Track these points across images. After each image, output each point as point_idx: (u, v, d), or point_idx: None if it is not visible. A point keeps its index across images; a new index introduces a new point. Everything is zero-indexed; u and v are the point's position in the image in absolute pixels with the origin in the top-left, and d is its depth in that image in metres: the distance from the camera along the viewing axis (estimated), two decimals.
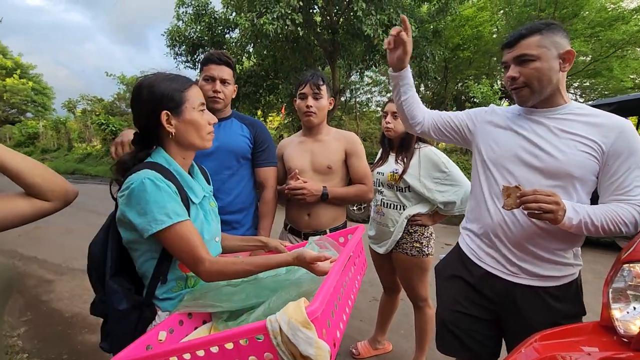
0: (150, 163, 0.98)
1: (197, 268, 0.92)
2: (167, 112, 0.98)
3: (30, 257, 4.29)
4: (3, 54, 25.58)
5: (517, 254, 1.12)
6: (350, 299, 0.95)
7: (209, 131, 1.05)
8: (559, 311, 1.10)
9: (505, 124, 1.21)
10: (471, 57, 12.03)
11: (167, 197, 0.91)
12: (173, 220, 0.89)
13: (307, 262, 0.88)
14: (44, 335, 2.52)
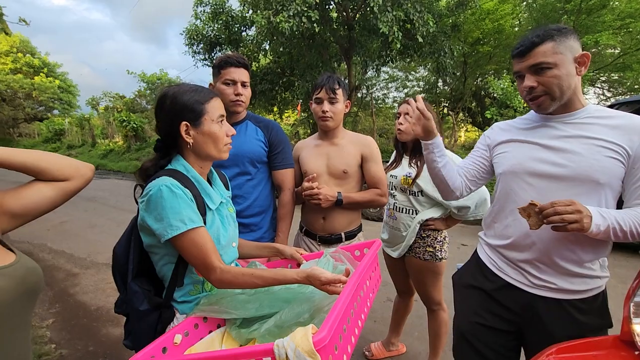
0: (170, 170, 1.03)
1: (209, 275, 0.96)
2: (187, 123, 1.02)
3: (58, 250, 4.50)
4: (32, 54, 26.59)
5: (541, 267, 1.09)
6: (361, 319, 0.96)
7: (226, 143, 1.07)
8: (585, 324, 1.07)
9: (517, 136, 1.18)
10: (491, 51, 11.65)
11: (183, 204, 0.94)
12: (187, 227, 0.93)
13: (321, 283, 0.88)
14: (70, 327, 2.65)
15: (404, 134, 1.83)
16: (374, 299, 1.11)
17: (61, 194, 0.87)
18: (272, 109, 13.79)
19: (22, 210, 0.81)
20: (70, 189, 0.88)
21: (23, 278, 0.73)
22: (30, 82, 24.34)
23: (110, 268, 3.50)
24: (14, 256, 0.75)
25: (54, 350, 2.33)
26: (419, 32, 7.27)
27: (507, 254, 1.16)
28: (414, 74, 16.55)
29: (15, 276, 0.71)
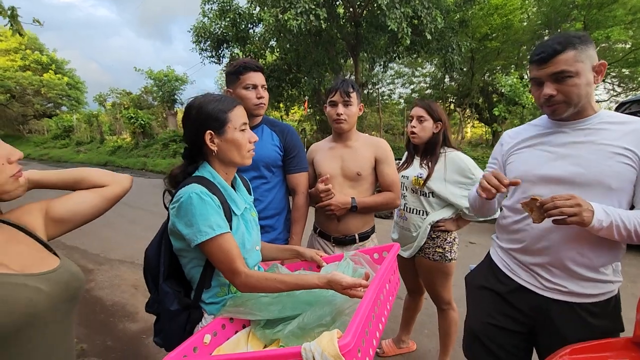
0: (197, 177, 1.08)
1: (234, 279, 1.01)
2: (211, 132, 1.07)
3: (72, 246, 4.60)
4: (40, 51, 26.87)
5: (553, 271, 1.11)
6: (382, 322, 0.98)
7: (249, 149, 1.11)
8: (596, 327, 1.09)
9: (528, 142, 1.20)
10: (499, 47, 11.55)
11: (211, 210, 0.99)
12: (216, 232, 0.98)
13: (342, 287, 0.92)
14: (88, 323, 2.73)
15: (417, 138, 1.85)
16: (393, 302, 1.14)
17: (102, 199, 0.93)
18: (278, 105, 13.81)
19: (68, 215, 0.87)
20: (110, 194, 0.95)
21: (67, 283, 0.77)
22: (39, 79, 24.64)
23: (123, 265, 3.58)
24: (58, 260, 0.80)
25: (76, 344, 2.41)
26: (427, 28, 7.24)
27: (520, 257, 1.18)
28: (420, 69, 16.45)
29: (60, 281, 0.75)
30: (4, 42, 23.93)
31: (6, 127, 29.48)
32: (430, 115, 1.82)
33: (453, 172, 1.78)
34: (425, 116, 1.82)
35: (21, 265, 0.72)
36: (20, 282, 0.67)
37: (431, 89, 16.59)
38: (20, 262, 0.73)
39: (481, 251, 1.42)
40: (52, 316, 0.72)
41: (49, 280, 0.73)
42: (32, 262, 0.75)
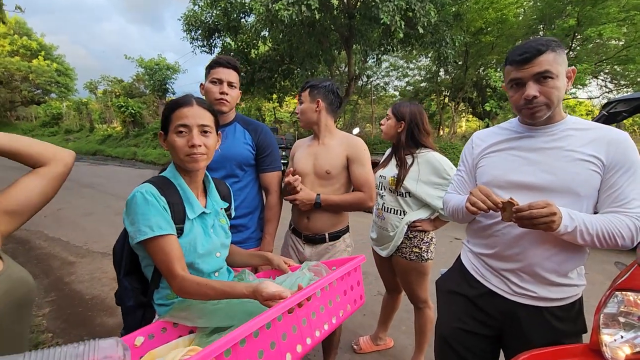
0: (158, 177, 1.09)
1: (170, 282, 0.99)
2: (161, 132, 1.08)
3: (55, 238, 4.54)
4: (28, 36, 26.19)
5: (523, 277, 1.11)
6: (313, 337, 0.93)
7: (187, 153, 1.04)
8: (561, 331, 1.10)
9: (499, 146, 1.18)
10: (494, 41, 11.51)
11: (154, 211, 0.98)
12: (155, 233, 0.97)
13: (263, 298, 0.87)
14: (66, 316, 2.70)
15: (383, 134, 1.93)
16: (347, 317, 1.10)
17: (46, 181, 0.87)
18: (271, 97, 13.68)
19: (17, 206, 0.82)
20: (53, 174, 0.89)
21: (9, 292, 0.73)
22: (27, 65, 24.08)
23: (105, 257, 3.52)
24: (1, 265, 0.76)
25: (50, 339, 2.39)
26: (420, 22, 7.16)
27: (491, 263, 1.18)
28: (415, 62, 16.37)
29: (3, 290, 0.71)
30: None
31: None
32: (394, 115, 1.86)
33: (428, 172, 1.77)
34: (389, 114, 1.89)
35: None
36: None
37: (426, 82, 16.54)
38: None
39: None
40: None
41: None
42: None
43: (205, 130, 1.06)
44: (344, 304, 1.09)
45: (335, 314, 1.04)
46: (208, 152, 1.08)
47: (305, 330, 0.92)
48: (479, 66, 13.42)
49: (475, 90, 14.07)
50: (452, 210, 1.29)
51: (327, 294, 1.02)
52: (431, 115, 16.24)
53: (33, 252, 4.07)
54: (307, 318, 0.93)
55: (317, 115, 1.67)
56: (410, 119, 1.83)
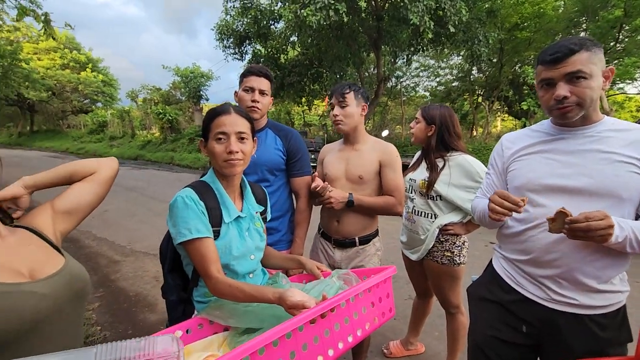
0: (199, 181, 1.18)
1: (206, 282, 1.06)
2: (201, 140, 1.17)
3: (101, 238, 4.88)
4: (77, 50, 28.30)
5: (562, 283, 1.07)
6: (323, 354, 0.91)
7: (224, 159, 1.11)
8: (605, 339, 1.05)
9: (532, 149, 1.15)
10: (531, 37, 10.96)
11: (193, 215, 1.06)
12: (193, 236, 1.04)
13: (287, 306, 0.89)
14: (113, 311, 2.90)
15: (413, 137, 1.91)
16: (374, 329, 1.08)
17: (97, 184, 1.00)
18: (300, 100, 13.87)
19: (72, 207, 0.94)
20: (101, 177, 1.01)
21: (70, 284, 0.82)
22: (76, 77, 26.02)
23: (147, 257, 3.75)
24: (63, 261, 0.86)
25: (99, 331, 2.58)
26: (450, 20, 6.99)
27: (527, 269, 1.14)
28: (446, 61, 15.92)
29: (64, 283, 0.81)
30: (44, 42, 25.34)
31: (48, 122, 31.47)
32: (424, 118, 1.84)
33: (460, 176, 1.74)
34: (419, 118, 1.87)
35: (30, 268, 0.78)
36: (28, 290, 0.73)
37: (458, 81, 16.04)
38: (29, 264, 0.79)
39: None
40: (57, 317, 0.78)
41: (54, 284, 0.79)
42: (40, 264, 0.81)
43: (242, 137, 1.12)
44: (371, 317, 1.07)
45: (361, 326, 1.02)
46: (245, 158, 1.14)
47: (328, 341, 0.92)
48: (515, 63, 12.82)
49: (511, 88, 13.45)
50: (480, 216, 1.27)
51: (353, 305, 1.00)
52: (464, 116, 15.72)
53: (83, 250, 4.40)
54: (330, 329, 0.93)
55: (359, 119, 1.70)
56: (441, 122, 1.81)
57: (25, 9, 3.78)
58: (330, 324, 0.93)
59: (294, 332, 0.83)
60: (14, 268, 0.76)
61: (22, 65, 15.22)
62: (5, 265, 0.75)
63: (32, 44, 25.11)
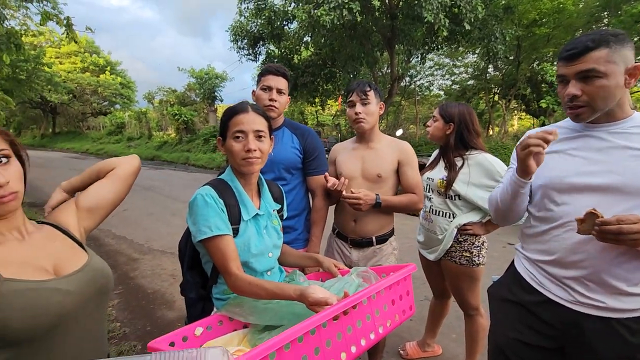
0: (217, 179, 1.19)
1: (226, 279, 1.07)
2: (219, 138, 1.17)
3: (120, 236, 5.00)
4: (97, 53, 29.14)
5: (589, 285, 1.02)
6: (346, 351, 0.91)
7: (242, 157, 1.11)
8: (636, 345, 1.00)
9: (556, 147, 1.11)
10: (549, 33, 10.66)
11: (212, 213, 1.07)
12: (213, 233, 1.05)
13: (309, 303, 0.89)
14: (131, 308, 2.97)
15: (429, 135, 1.89)
16: (395, 327, 1.09)
17: (117, 180, 1.01)
18: (313, 100, 13.89)
19: (93, 204, 0.96)
20: (120, 173, 1.03)
21: (94, 280, 0.84)
22: (96, 80, 26.76)
23: (164, 255, 3.82)
24: (86, 257, 0.88)
25: (118, 327, 2.64)
26: (466, 18, 6.87)
27: (550, 270, 1.10)
28: (461, 59, 15.66)
29: (87, 279, 0.83)
30: (65, 46, 26.16)
31: (68, 124, 32.47)
32: (442, 116, 1.81)
33: (480, 175, 1.71)
34: (437, 116, 1.84)
35: (54, 264, 0.80)
36: (53, 287, 0.75)
37: (473, 79, 15.76)
38: (54, 261, 0.81)
39: None
40: (82, 312, 0.80)
41: (78, 280, 0.80)
42: (64, 260, 0.83)
43: (260, 135, 1.13)
44: (392, 314, 1.07)
45: (382, 323, 1.03)
46: (262, 156, 1.15)
47: (350, 337, 0.92)
48: (533, 60, 12.51)
49: (528, 86, 13.11)
50: (500, 197, 1.21)
51: (374, 302, 1.01)
52: (480, 115, 15.41)
53: (103, 248, 4.52)
54: (352, 326, 0.93)
55: (377, 118, 1.69)
56: (460, 120, 1.78)
57: (49, 13, 3.92)
58: (352, 321, 0.93)
59: (318, 329, 0.84)
60: (39, 265, 0.78)
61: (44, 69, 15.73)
62: (30, 262, 0.77)
63: (54, 48, 25.93)
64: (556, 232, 1.08)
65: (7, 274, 0.70)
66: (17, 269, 0.73)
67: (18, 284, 0.71)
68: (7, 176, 0.75)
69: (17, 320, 0.68)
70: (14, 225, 0.80)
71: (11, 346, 0.69)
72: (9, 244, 0.77)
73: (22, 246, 0.79)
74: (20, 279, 0.72)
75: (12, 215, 0.79)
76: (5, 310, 0.67)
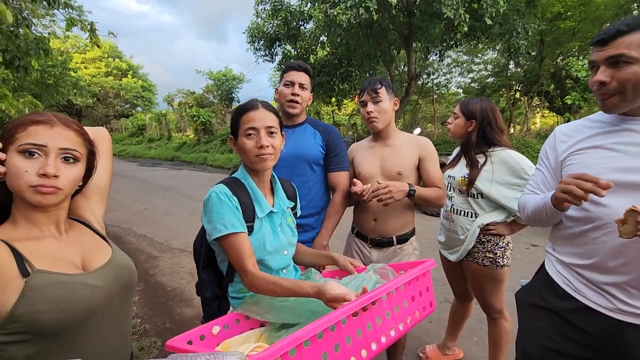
0: (231, 178, 1.18)
1: (242, 278, 1.06)
2: (231, 137, 1.17)
3: (141, 234, 5.12)
4: (119, 58, 30.11)
5: (632, 292, 0.96)
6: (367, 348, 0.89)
7: (256, 154, 1.10)
8: None
9: (591, 142, 1.04)
10: (575, 26, 10.24)
11: (227, 210, 1.06)
12: (228, 231, 1.04)
13: (327, 300, 0.88)
14: (151, 305, 3.02)
15: (450, 133, 1.84)
16: (416, 324, 1.07)
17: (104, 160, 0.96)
18: (330, 100, 13.86)
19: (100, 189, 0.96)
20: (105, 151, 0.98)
21: (118, 275, 0.84)
22: (118, 83, 27.67)
23: (183, 253, 3.88)
24: (110, 252, 0.88)
25: (139, 324, 2.69)
26: (487, 13, 6.69)
27: (588, 275, 1.03)
28: (481, 56, 15.28)
29: (113, 275, 0.83)
30: (91, 52, 27.15)
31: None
32: (463, 113, 1.76)
33: (504, 172, 1.64)
34: (457, 113, 1.78)
35: (82, 259, 0.81)
36: (81, 281, 0.76)
37: (493, 76, 15.36)
38: (82, 256, 0.82)
39: (544, 255, 1.27)
40: (108, 307, 0.80)
41: (104, 275, 0.81)
42: (91, 255, 0.83)
43: (272, 131, 1.12)
44: (412, 311, 1.05)
45: (403, 320, 1.01)
46: (275, 152, 1.14)
47: (370, 335, 0.91)
48: (557, 55, 12.06)
49: (552, 82, 12.67)
50: (533, 211, 1.14)
51: (394, 298, 0.99)
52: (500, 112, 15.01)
53: (125, 246, 4.64)
54: (372, 323, 0.92)
55: (392, 115, 1.66)
56: (482, 116, 1.72)
57: (74, 19, 4.04)
58: (372, 317, 0.92)
59: (337, 325, 0.83)
60: (69, 260, 0.79)
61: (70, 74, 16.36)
62: (62, 257, 0.78)
63: (80, 54, 26.95)
64: (594, 234, 1.00)
65: (39, 266, 0.71)
66: (49, 263, 0.74)
67: (50, 277, 0.71)
68: (61, 172, 0.75)
69: (47, 313, 0.68)
70: (54, 220, 0.81)
71: (38, 339, 0.70)
72: (45, 240, 0.78)
73: (57, 243, 0.80)
74: (52, 271, 0.72)
75: (54, 210, 0.79)
76: (36, 302, 0.68)
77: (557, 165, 1.14)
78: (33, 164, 0.72)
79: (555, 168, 1.14)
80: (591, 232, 1.01)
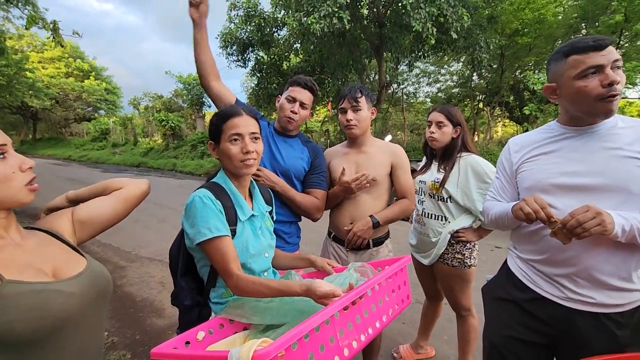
0: (212, 183, 1.18)
1: (227, 281, 1.06)
2: (211, 142, 1.17)
3: (106, 244, 4.87)
4: (81, 58, 28.60)
5: (579, 282, 1.07)
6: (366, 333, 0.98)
7: (241, 159, 1.12)
8: (623, 338, 1.05)
9: (540, 150, 1.17)
10: (531, 42, 11.03)
11: (211, 214, 1.06)
12: (213, 234, 1.04)
13: (317, 297, 0.91)
14: (119, 317, 2.89)
15: (437, 142, 1.84)
16: (396, 315, 1.14)
17: (119, 201, 0.99)
18: None
19: (88, 217, 0.94)
20: (126, 195, 1.01)
21: (95, 284, 0.83)
22: (80, 85, 26.22)
23: (152, 262, 3.74)
24: (85, 262, 0.87)
25: (107, 337, 2.57)
26: (452, 27, 7.06)
27: (542, 269, 1.15)
28: (447, 67, 16.03)
29: (88, 283, 0.82)
30: (49, 51, 25.63)
31: (50, 130, 31.64)
32: (450, 121, 1.83)
33: (470, 176, 1.75)
34: (444, 121, 1.83)
35: (53, 268, 0.79)
36: (55, 289, 0.74)
37: (458, 87, 16.14)
38: (52, 264, 0.80)
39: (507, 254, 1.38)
40: (82, 316, 0.78)
41: (79, 283, 0.79)
42: (62, 264, 0.81)
43: (256, 137, 1.14)
44: (393, 303, 1.13)
45: (385, 312, 1.08)
46: (258, 157, 1.17)
47: (359, 327, 0.97)
48: (516, 69, 12.90)
49: (512, 94, 13.51)
50: (495, 217, 1.26)
51: (377, 293, 1.07)
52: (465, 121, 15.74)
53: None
54: (360, 316, 0.98)
55: (369, 123, 1.71)
56: (463, 123, 1.84)
57: (35, 17, 3.85)
58: (360, 311, 0.98)
59: (331, 319, 0.88)
60: (38, 268, 0.77)
61: (26, 75, 15.36)
62: (30, 264, 0.76)
63: (37, 53, 25.37)
64: (545, 232, 1.11)
65: (8, 276, 0.69)
66: (17, 272, 0.72)
67: (21, 286, 0.70)
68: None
69: (20, 322, 0.67)
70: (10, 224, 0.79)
71: (12, 349, 0.68)
72: (7, 247, 0.76)
73: (19, 250, 0.78)
74: (22, 281, 0.70)
75: (10, 214, 0.78)
76: (8, 312, 0.66)
77: (512, 173, 1.25)
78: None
79: (511, 176, 1.26)
80: (543, 230, 1.12)
